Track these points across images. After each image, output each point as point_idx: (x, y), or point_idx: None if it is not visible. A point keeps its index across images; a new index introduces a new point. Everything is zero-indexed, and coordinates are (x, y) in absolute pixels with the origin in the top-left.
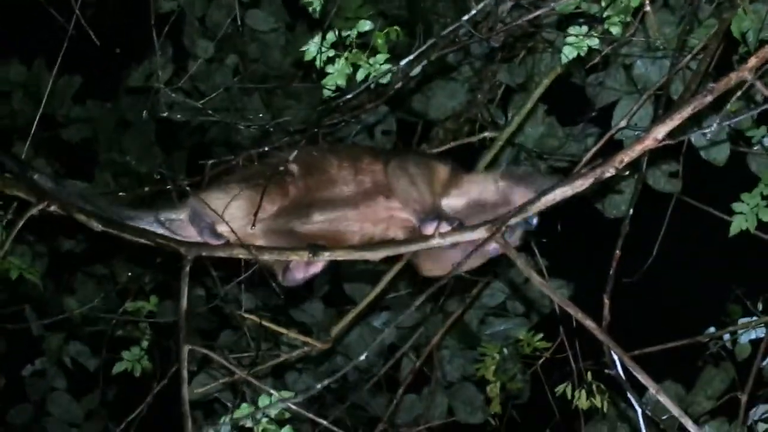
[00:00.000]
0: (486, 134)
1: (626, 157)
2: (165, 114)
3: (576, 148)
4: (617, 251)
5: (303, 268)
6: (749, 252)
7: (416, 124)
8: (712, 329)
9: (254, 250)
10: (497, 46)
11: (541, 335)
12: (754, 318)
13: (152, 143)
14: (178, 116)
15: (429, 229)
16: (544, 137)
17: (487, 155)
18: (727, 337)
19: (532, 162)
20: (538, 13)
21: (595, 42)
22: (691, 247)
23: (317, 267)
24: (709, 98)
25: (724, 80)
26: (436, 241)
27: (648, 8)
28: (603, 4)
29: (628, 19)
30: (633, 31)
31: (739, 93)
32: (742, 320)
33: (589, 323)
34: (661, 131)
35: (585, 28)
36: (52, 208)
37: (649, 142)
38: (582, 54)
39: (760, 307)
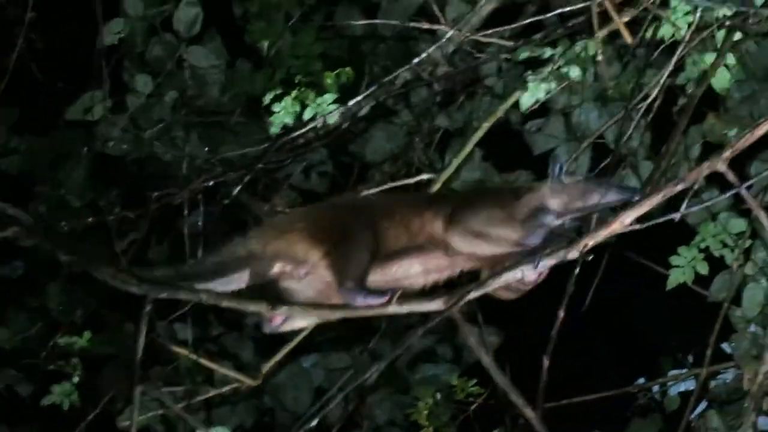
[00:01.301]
0: (423, 177)
1: (591, 241)
2: (104, 148)
3: None
4: (561, 312)
5: (279, 318)
6: (685, 305)
7: (353, 166)
8: (641, 380)
9: (214, 298)
10: (439, 90)
11: (474, 381)
12: (684, 370)
13: (89, 177)
14: (123, 146)
15: (532, 275)
16: (481, 182)
17: None
18: (656, 388)
19: None
20: (485, 60)
21: (552, 87)
22: (629, 298)
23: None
24: (680, 187)
25: (696, 170)
26: (392, 309)
27: (600, 58)
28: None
29: (589, 66)
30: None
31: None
32: (673, 372)
33: (515, 398)
34: (629, 216)
35: (543, 74)
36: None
37: (616, 227)
38: (540, 100)
39: (691, 359)
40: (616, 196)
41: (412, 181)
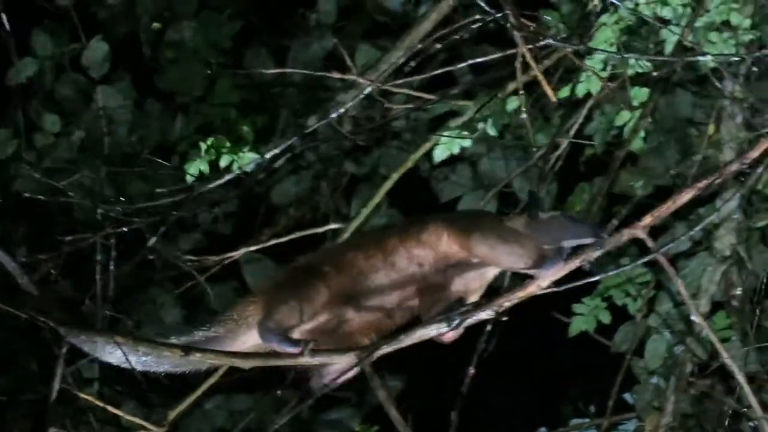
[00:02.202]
0: (332, 226)
1: (506, 302)
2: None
3: None
4: (471, 369)
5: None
6: (587, 353)
7: (259, 209)
8: (543, 429)
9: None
10: (348, 136)
11: (377, 428)
12: (587, 420)
13: None
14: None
15: (552, 272)
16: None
17: None
18: None
19: None
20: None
21: (467, 143)
22: (531, 346)
23: None
24: (598, 253)
25: (616, 237)
26: (304, 360)
27: (524, 115)
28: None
29: (507, 120)
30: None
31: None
32: (575, 421)
33: None
34: (546, 280)
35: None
36: None
37: (532, 289)
38: (455, 153)
39: (593, 409)
40: (589, 236)
41: (321, 230)
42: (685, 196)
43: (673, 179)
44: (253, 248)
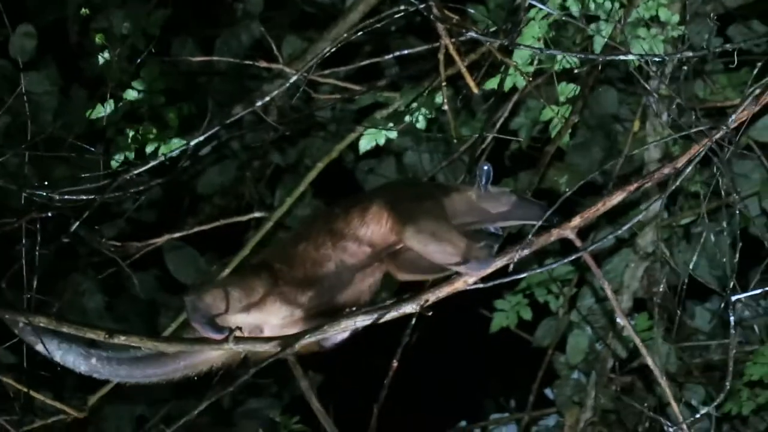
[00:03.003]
0: (255, 215)
1: (432, 296)
2: None
3: None
4: (395, 362)
5: None
6: (508, 349)
7: (183, 198)
8: (463, 423)
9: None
10: (273, 126)
11: (297, 418)
12: (506, 414)
13: None
14: None
15: (479, 272)
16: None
17: (256, 236)
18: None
19: None
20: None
21: (393, 134)
22: (453, 342)
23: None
24: (527, 251)
25: (545, 236)
26: (228, 346)
27: (446, 107)
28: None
29: (433, 114)
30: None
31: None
32: (495, 416)
33: None
34: (473, 276)
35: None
36: None
37: (459, 285)
38: (381, 144)
39: (513, 404)
40: (536, 217)
41: (244, 218)
42: (615, 198)
43: (600, 176)
44: (176, 235)
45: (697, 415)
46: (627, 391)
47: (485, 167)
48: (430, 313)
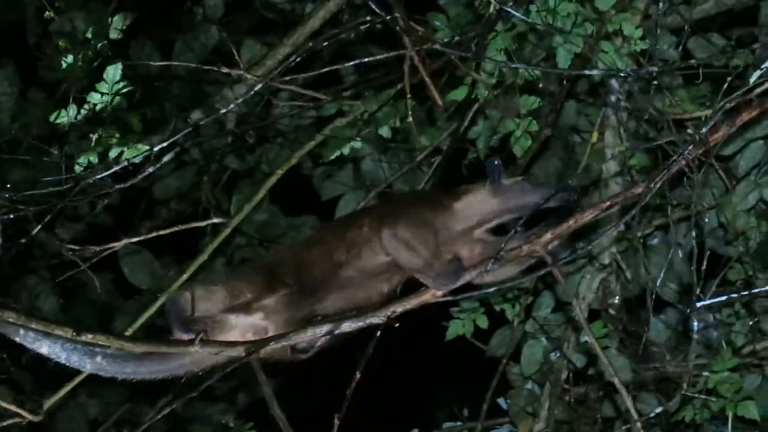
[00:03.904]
0: (214, 220)
1: (400, 307)
2: None
3: (297, 237)
4: (358, 374)
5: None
6: (463, 357)
7: (140, 201)
8: (415, 431)
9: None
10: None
11: (251, 424)
12: (459, 423)
13: None
14: None
15: (443, 288)
16: (267, 225)
17: (215, 242)
18: None
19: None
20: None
21: (359, 145)
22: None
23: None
24: (497, 267)
25: (516, 250)
26: (194, 348)
27: (410, 119)
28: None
29: (398, 123)
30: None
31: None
32: (447, 424)
33: None
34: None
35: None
36: None
37: (427, 297)
38: (345, 153)
39: (466, 413)
40: (555, 199)
41: (202, 224)
42: (587, 216)
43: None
44: (134, 240)
45: (652, 414)
46: (580, 402)
47: (495, 162)
48: (397, 325)
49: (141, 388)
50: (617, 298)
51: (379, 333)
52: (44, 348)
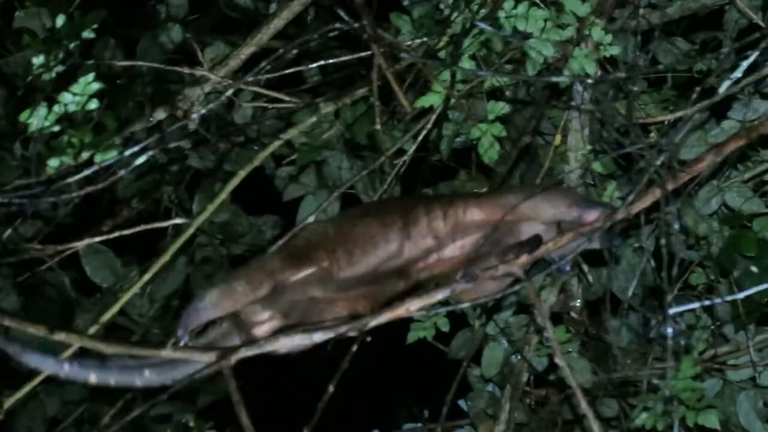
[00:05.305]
0: (176, 221)
1: (373, 321)
2: None
3: (259, 238)
4: (331, 387)
5: None
6: (425, 359)
7: (102, 199)
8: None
9: None
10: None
11: (211, 423)
12: (419, 424)
13: None
14: None
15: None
16: (229, 224)
17: (177, 242)
18: None
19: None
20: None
21: (332, 152)
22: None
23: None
24: (470, 285)
25: (491, 270)
26: (164, 353)
27: (379, 127)
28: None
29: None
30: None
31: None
32: (408, 426)
33: None
34: (414, 305)
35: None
36: None
37: (401, 312)
38: (316, 158)
39: (427, 414)
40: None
41: (165, 224)
42: (564, 239)
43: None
44: (97, 239)
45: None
46: (541, 405)
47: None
48: (369, 339)
49: (101, 388)
50: (578, 301)
51: (354, 347)
52: (92, 377)
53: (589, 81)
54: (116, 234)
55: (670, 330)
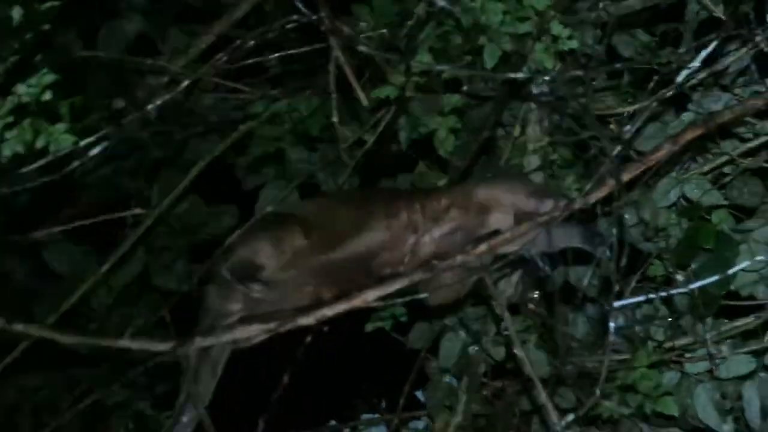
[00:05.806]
0: (136, 211)
1: (329, 312)
2: None
3: (218, 227)
4: (285, 378)
5: None
6: (383, 349)
7: (61, 188)
8: (333, 422)
9: None
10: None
11: (169, 413)
12: (377, 415)
13: None
14: None
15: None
16: (188, 214)
17: (137, 231)
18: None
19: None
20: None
21: (285, 144)
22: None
23: None
24: (429, 275)
25: (449, 260)
26: (122, 343)
27: (336, 119)
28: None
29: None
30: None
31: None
32: (365, 416)
33: None
34: (372, 295)
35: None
36: None
37: (357, 302)
38: (272, 151)
39: (384, 405)
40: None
41: (125, 214)
42: (523, 230)
43: None
44: (57, 229)
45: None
46: (498, 396)
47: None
48: (326, 329)
49: (59, 375)
50: (536, 292)
51: (309, 338)
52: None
53: (546, 78)
54: (76, 224)
55: (612, 324)
